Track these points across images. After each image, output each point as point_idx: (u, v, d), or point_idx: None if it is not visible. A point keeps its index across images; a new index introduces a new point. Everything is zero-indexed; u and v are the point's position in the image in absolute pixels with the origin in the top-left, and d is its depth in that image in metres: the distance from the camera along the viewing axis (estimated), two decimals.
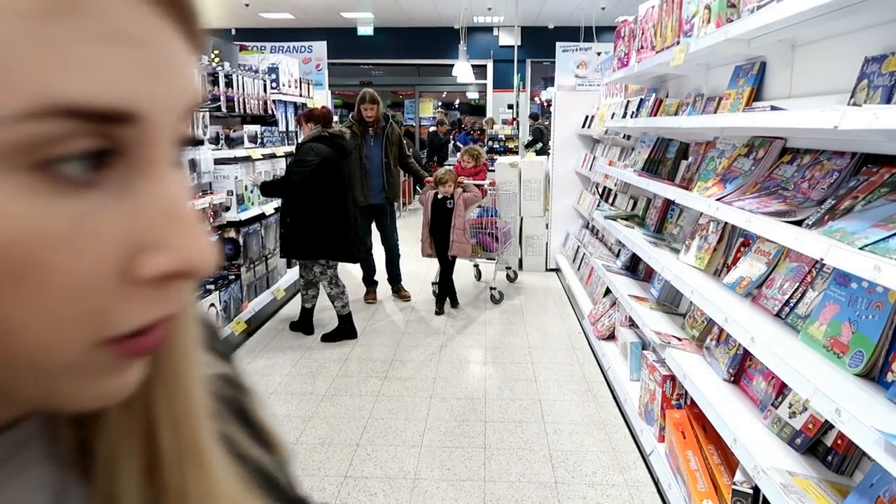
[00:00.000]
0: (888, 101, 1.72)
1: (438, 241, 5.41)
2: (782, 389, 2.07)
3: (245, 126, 5.50)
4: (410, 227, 5.87)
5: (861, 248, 1.44)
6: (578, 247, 6.07)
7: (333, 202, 4.55)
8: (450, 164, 7.05)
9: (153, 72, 0.29)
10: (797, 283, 2.05)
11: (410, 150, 5.89)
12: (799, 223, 1.85)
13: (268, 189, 4.64)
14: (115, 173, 0.29)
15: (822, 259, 1.56)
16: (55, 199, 0.27)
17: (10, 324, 0.28)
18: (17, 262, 0.27)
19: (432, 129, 13.37)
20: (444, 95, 17.10)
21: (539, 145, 10.28)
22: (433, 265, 5.44)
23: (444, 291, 5.56)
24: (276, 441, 0.51)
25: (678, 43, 3.01)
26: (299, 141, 4.79)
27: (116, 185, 0.29)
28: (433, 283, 5.47)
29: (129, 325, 0.31)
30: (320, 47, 8.41)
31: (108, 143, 0.28)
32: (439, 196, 5.37)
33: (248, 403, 0.50)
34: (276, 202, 5.36)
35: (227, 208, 4.85)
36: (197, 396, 0.39)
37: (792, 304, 2.04)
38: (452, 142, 12.47)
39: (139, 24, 0.29)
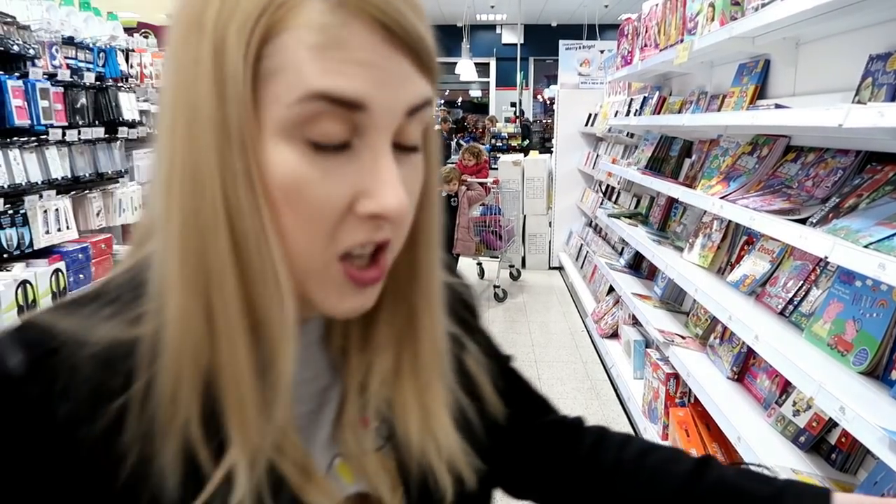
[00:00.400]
0: (893, 98, 1.72)
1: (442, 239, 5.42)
2: (786, 387, 2.07)
3: None
4: None
5: (865, 246, 1.44)
6: (581, 245, 6.07)
7: None
8: (451, 163, 7.04)
9: (379, 83, 0.46)
10: (801, 282, 2.05)
11: None
12: (803, 221, 1.85)
13: None
14: (351, 148, 0.47)
15: (826, 257, 1.56)
16: (314, 156, 0.46)
17: (286, 229, 0.46)
18: (292, 191, 0.46)
19: (437, 126, 13.39)
20: (446, 93, 17.10)
21: (526, 142, 10.29)
22: None
23: None
24: (496, 350, 0.74)
25: (682, 41, 3.00)
26: None
27: (351, 154, 0.47)
28: None
29: (351, 243, 0.48)
30: None
31: (350, 126, 0.46)
32: (443, 194, 5.37)
33: (473, 320, 0.71)
34: None
35: None
36: (439, 328, 0.58)
37: (796, 303, 2.04)
38: (455, 140, 12.46)
39: (374, 55, 0.45)
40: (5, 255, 2.44)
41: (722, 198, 2.34)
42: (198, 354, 0.47)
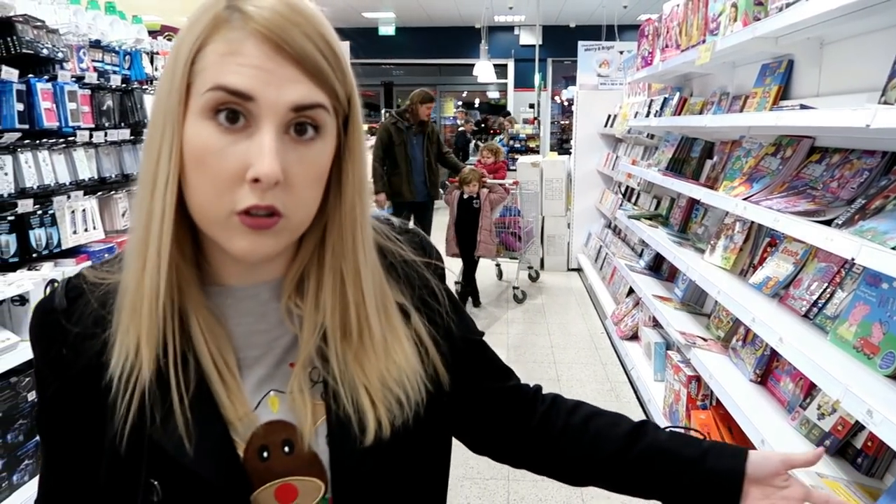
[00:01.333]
0: None
1: (464, 240, 5.42)
2: (810, 390, 2.05)
3: None
4: (434, 226, 5.89)
5: (893, 248, 1.43)
6: (601, 246, 6.05)
7: None
8: (470, 163, 7.05)
9: (264, 82, 0.62)
10: (826, 284, 2.03)
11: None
12: (828, 223, 1.84)
13: None
14: (243, 128, 0.63)
15: (853, 259, 1.55)
16: (218, 134, 0.63)
17: (197, 187, 0.64)
18: (199, 157, 0.63)
19: (461, 128, 13.39)
20: (464, 95, 17.09)
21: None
22: (456, 264, 5.46)
23: (468, 290, 5.56)
24: (454, 324, 0.84)
25: (704, 41, 2.99)
26: None
27: (243, 133, 0.63)
28: (456, 283, 5.49)
29: (243, 204, 0.63)
30: (343, 47, 8.44)
31: (241, 109, 0.62)
32: (465, 196, 5.38)
33: (433, 298, 0.82)
34: None
35: None
36: (365, 280, 0.72)
37: (820, 305, 2.02)
38: (474, 141, 12.45)
39: (263, 61, 0.62)
40: (34, 255, 2.49)
41: (745, 199, 2.32)
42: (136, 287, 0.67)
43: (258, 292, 0.73)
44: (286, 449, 0.71)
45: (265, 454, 0.71)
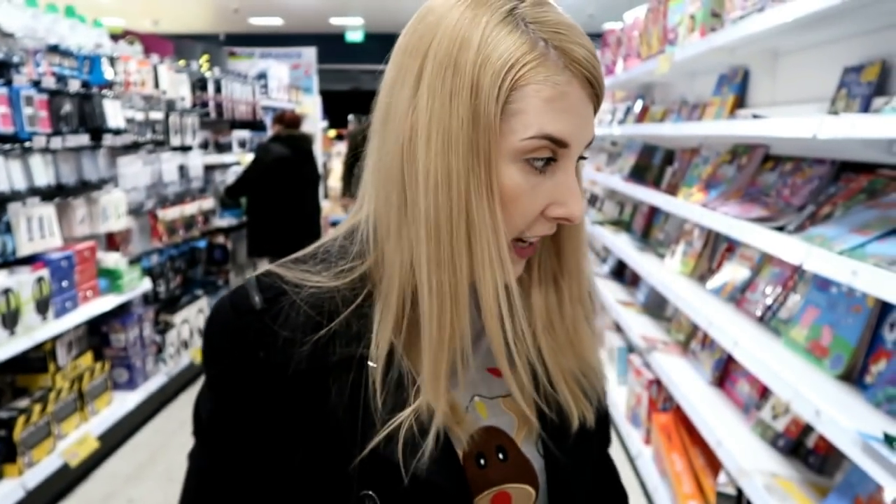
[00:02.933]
0: (866, 109, 1.76)
1: None
2: (765, 392, 2.10)
3: (234, 131, 5.49)
4: None
5: (839, 254, 1.48)
6: None
7: (291, 200, 4.71)
8: None
9: (579, 126, 0.63)
10: (780, 288, 2.09)
11: None
12: (781, 229, 1.89)
13: (230, 190, 4.80)
14: (550, 169, 0.64)
15: (801, 264, 1.59)
16: (529, 175, 0.63)
17: (508, 218, 0.64)
18: (510, 197, 0.63)
19: None
20: None
21: None
22: None
23: None
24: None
25: (663, 51, 3.05)
26: None
27: (550, 173, 0.64)
28: None
29: (531, 235, 0.67)
30: (310, 53, 8.41)
31: (554, 155, 0.63)
32: None
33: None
34: None
35: (215, 212, 4.85)
36: (584, 280, 0.75)
37: (774, 309, 2.08)
38: None
39: (580, 105, 0.63)
40: None
41: (702, 206, 2.37)
42: (441, 317, 0.64)
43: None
44: (500, 455, 0.70)
45: (482, 461, 0.69)
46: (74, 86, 3.00)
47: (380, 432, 0.64)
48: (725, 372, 2.41)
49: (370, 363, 0.65)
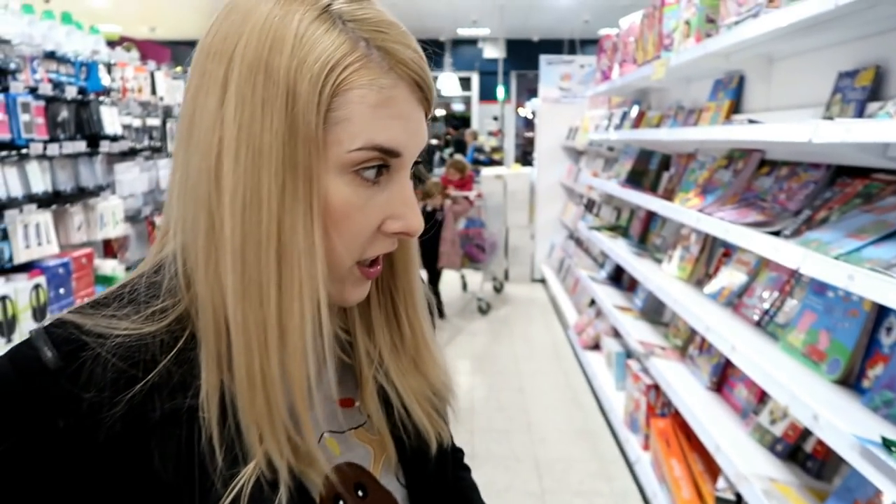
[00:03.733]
0: (860, 114, 1.77)
1: (426, 252, 5.44)
2: (763, 397, 2.10)
3: None
4: None
5: (835, 258, 1.48)
6: (563, 258, 6.11)
7: None
8: (436, 176, 7.08)
9: (411, 133, 0.59)
10: (777, 293, 2.09)
11: None
12: (777, 233, 1.90)
13: None
14: (384, 180, 0.59)
15: (798, 268, 1.60)
16: (359, 188, 0.57)
17: (333, 244, 0.58)
18: (340, 214, 0.57)
19: (434, 140, 13.30)
20: None
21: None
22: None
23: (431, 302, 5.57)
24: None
25: (659, 57, 3.06)
26: None
27: (384, 185, 0.59)
28: None
29: (372, 254, 0.61)
30: None
31: (385, 164, 0.58)
32: (428, 209, 5.40)
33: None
34: None
35: None
36: (419, 295, 0.71)
37: (772, 313, 2.08)
38: (438, 155, 12.49)
39: (409, 109, 0.58)
40: None
41: (699, 211, 2.38)
42: (246, 356, 0.56)
43: None
44: (360, 493, 0.65)
45: (341, 503, 0.63)
46: (71, 92, 3.00)
47: (224, 495, 0.55)
48: (723, 377, 2.41)
49: (201, 414, 0.56)
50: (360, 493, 0.65)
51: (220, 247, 0.56)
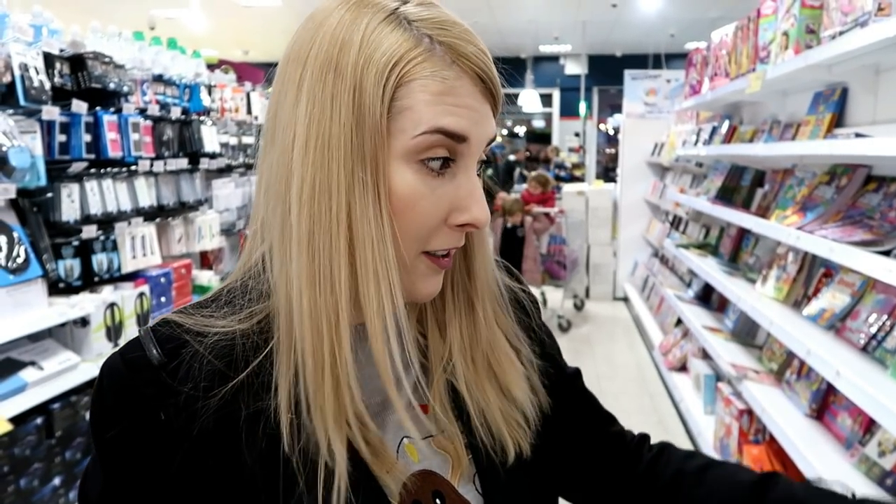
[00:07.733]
0: None
1: None
2: (870, 427, 1.98)
3: None
4: None
5: None
6: (647, 276, 5.96)
7: None
8: (517, 192, 7.07)
9: (475, 121, 0.60)
10: (885, 316, 1.97)
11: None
12: (887, 253, 1.79)
13: None
14: (450, 172, 0.60)
15: None
16: (425, 177, 0.59)
17: (399, 233, 0.58)
18: (406, 203, 0.58)
19: (512, 157, 13.12)
20: (508, 123, 17.19)
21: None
22: None
23: None
24: (556, 355, 0.84)
25: (754, 70, 2.96)
26: None
27: (449, 177, 0.60)
28: None
29: (439, 247, 0.61)
30: None
31: (452, 154, 0.59)
32: (508, 225, 5.40)
33: (529, 321, 0.79)
34: None
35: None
36: (495, 295, 0.71)
37: (880, 338, 1.96)
38: (518, 170, 12.45)
39: (474, 101, 0.60)
40: (96, 279, 2.59)
41: (798, 228, 2.28)
42: (315, 342, 0.57)
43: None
44: (438, 502, 0.64)
45: None
46: (176, 112, 3.18)
47: (299, 493, 0.58)
48: (824, 404, 2.28)
49: (281, 413, 0.58)
50: (437, 502, 0.64)
51: (291, 236, 0.58)
